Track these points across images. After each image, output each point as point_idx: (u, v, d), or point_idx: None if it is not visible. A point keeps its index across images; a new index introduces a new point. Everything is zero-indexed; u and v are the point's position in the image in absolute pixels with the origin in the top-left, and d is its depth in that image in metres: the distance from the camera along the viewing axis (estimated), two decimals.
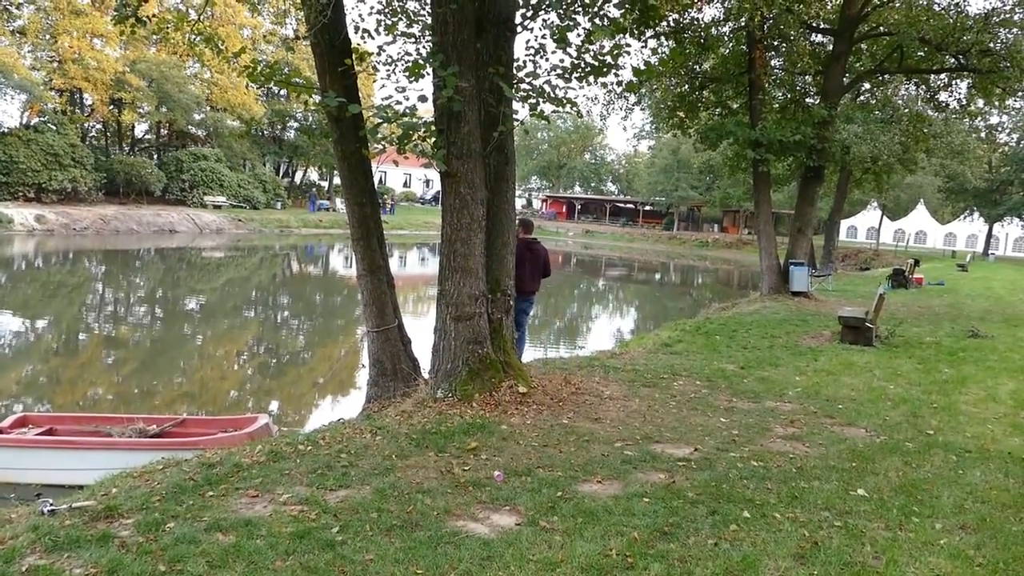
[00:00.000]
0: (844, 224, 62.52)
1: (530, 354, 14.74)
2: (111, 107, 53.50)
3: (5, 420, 9.55)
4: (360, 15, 21.78)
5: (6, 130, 47.83)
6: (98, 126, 59.26)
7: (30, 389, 13.72)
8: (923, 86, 25.38)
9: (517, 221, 9.76)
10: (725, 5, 20.89)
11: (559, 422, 7.76)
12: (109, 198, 51.18)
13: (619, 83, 9.68)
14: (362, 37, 9.64)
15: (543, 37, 8.84)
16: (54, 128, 47.40)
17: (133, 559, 4.35)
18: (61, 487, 7.60)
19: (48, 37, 50.49)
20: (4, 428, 9.29)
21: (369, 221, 9.44)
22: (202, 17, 10.25)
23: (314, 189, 73.68)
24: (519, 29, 8.82)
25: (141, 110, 54.64)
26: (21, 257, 35.04)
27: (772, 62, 23.87)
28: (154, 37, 45.25)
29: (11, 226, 40.16)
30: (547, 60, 8.92)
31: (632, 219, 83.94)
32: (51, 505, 5.10)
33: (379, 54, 9.44)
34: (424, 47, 9.04)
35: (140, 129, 63.39)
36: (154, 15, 9.61)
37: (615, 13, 8.67)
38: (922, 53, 21.95)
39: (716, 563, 4.62)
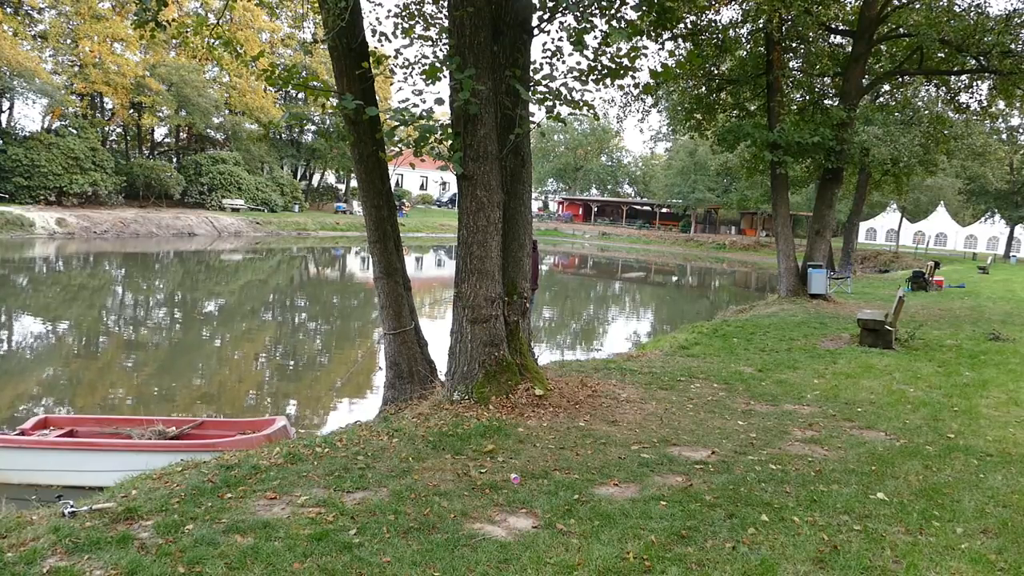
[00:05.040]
0: (863, 226, 62.01)
1: (547, 356, 14.76)
2: (131, 111, 54.12)
3: (27, 422, 9.65)
4: (377, 18, 21.83)
5: (28, 134, 48.47)
6: (118, 130, 59.99)
7: (52, 391, 13.86)
8: (943, 88, 25.19)
9: None
10: (743, 7, 20.82)
11: (576, 425, 7.75)
12: (129, 201, 51.78)
13: (636, 85, 9.64)
14: (379, 40, 9.69)
15: (560, 40, 8.86)
16: (75, 132, 47.97)
17: (152, 561, 4.39)
18: (81, 488, 7.68)
19: (69, 42, 51.13)
20: (26, 430, 9.39)
21: (386, 224, 9.48)
22: (221, 21, 10.33)
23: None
24: (536, 32, 8.83)
25: (160, 114, 55.25)
26: (43, 260, 35.40)
27: (790, 64, 23.75)
28: (174, 41, 45.99)
29: (33, 229, 40.60)
30: (564, 63, 8.94)
31: (649, 221, 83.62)
32: (72, 507, 5.15)
33: (396, 57, 9.49)
34: (441, 50, 9.08)
35: (159, 133, 64.17)
36: (174, 19, 9.71)
37: (632, 15, 8.64)
38: (942, 54, 21.78)
39: (734, 567, 4.59)
